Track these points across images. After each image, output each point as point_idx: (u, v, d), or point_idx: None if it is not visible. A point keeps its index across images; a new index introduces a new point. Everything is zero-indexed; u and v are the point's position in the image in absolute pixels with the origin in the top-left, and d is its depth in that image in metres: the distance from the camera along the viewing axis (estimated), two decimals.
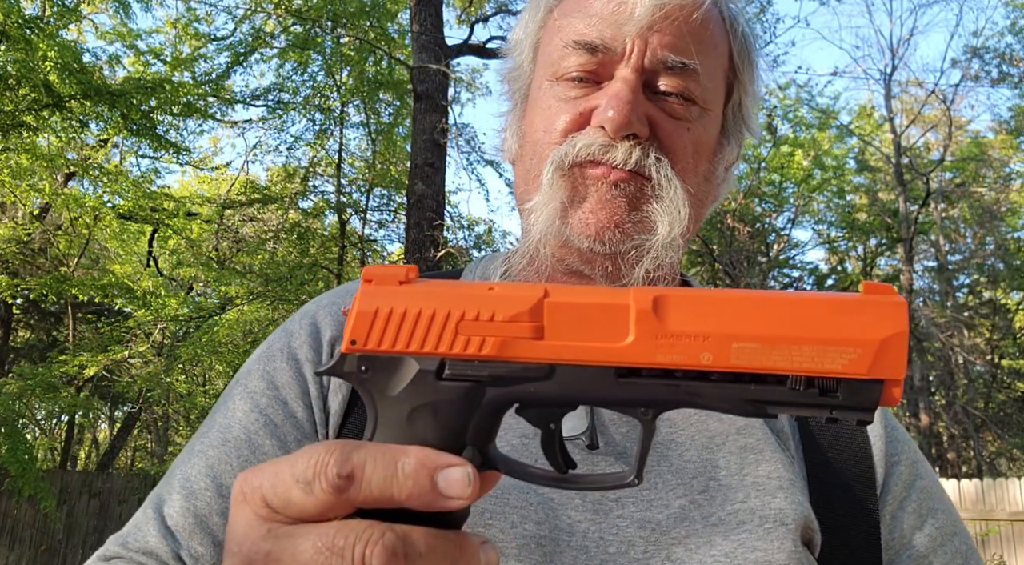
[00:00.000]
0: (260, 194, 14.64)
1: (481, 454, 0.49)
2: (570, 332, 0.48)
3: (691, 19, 0.81)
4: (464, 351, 0.48)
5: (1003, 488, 9.43)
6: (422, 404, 0.48)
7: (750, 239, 20.31)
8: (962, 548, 0.86)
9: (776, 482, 0.78)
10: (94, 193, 12.95)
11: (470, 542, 0.45)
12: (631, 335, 0.47)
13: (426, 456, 0.44)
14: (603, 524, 0.75)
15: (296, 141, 14.18)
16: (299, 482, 0.44)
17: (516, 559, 0.72)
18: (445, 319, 0.49)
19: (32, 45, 8.94)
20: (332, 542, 0.43)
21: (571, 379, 0.48)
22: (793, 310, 0.46)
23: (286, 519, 0.45)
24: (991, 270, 20.18)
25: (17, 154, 10.87)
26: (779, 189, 21.15)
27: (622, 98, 0.78)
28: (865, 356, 0.45)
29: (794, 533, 0.75)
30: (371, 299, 0.50)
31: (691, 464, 0.79)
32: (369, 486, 0.43)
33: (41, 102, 9.60)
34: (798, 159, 20.43)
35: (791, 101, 20.39)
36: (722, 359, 0.45)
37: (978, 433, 18.12)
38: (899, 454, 0.88)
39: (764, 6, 13.34)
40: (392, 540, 0.42)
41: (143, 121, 10.83)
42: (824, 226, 22.50)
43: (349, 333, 0.50)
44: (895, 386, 0.45)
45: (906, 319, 0.45)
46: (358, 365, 0.50)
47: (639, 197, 0.79)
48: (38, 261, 14.74)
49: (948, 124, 18.78)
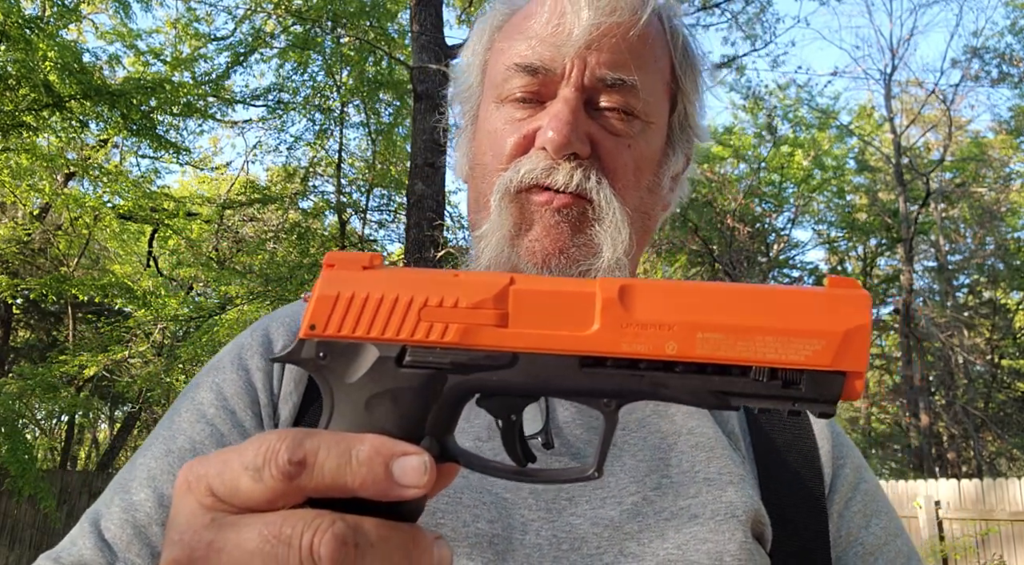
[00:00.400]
0: (260, 194, 14.64)
1: (439, 445, 0.48)
2: (535, 320, 0.47)
3: (628, 36, 0.83)
4: (426, 338, 0.47)
5: (1003, 488, 9.43)
6: (381, 392, 0.47)
7: (750, 239, 20.31)
8: (904, 548, 0.89)
9: (727, 477, 0.80)
10: (94, 193, 12.95)
11: (424, 535, 0.44)
12: (596, 324, 0.46)
13: (382, 444, 0.43)
14: (556, 522, 0.75)
15: (296, 141, 14.20)
16: (248, 469, 0.43)
17: (468, 557, 0.72)
18: (408, 305, 0.48)
19: (32, 45, 8.95)
20: (279, 530, 0.41)
21: (535, 368, 0.47)
22: (758, 302, 0.46)
23: (232, 508, 0.43)
24: (991, 270, 20.18)
25: (17, 154, 10.87)
26: (779, 189, 21.14)
27: (561, 119, 0.80)
28: (828, 348, 0.45)
29: (745, 525, 0.76)
30: (332, 284, 0.49)
31: (644, 463, 0.80)
32: (321, 473, 0.42)
33: (41, 102, 9.60)
34: (798, 159, 20.42)
35: (791, 101, 20.40)
36: (687, 349, 0.45)
37: (978, 433, 18.12)
38: (845, 457, 0.91)
39: (764, 6, 13.33)
40: (343, 529, 0.41)
41: (143, 121, 10.84)
42: (824, 226, 22.52)
43: (308, 318, 0.49)
44: (857, 379, 0.45)
45: (869, 312, 0.45)
46: (316, 351, 0.49)
47: (582, 221, 0.81)
48: (38, 261, 14.74)
49: (948, 124, 18.77)
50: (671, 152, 0.92)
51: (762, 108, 19.49)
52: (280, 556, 0.41)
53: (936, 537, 9.56)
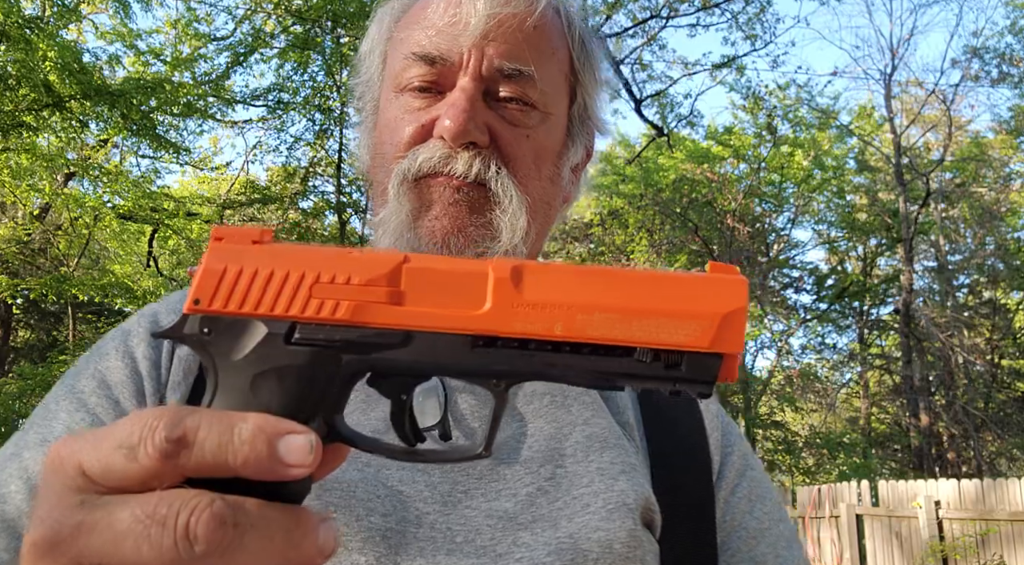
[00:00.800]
0: (260, 194, 14.64)
1: (328, 424, 0.47)
2: (428, 298, 0.47)
3: (525, 26, 0.83)
4: (317, 315, 0.46)
5: (1003, 488, 9.42)
6: (268, 369, 0.46)
7: (750, 239, 20.30)
8: (786, 533, 0.92)
9: (619, 467, 0.81)
10: (94, 193, 12.95)
11: (308, 516, 0.43)
12: (488, 303, 0.47)
13: (266, 422, 0.41)
14: (451, 515, 0.75)
15: (296, 141, 14.19)
16: (122, 447, 0.40)
17: (359, 552, 0.71)
18: (299, 281, 0.47)
19: (32, 45, 8.95)
20: (154, 511, 0.39)
21: (426, 347, 0.47)
22: (643, 285, 0.47)
23: (104, 489, 0.41)
24: (991, 270, 20.18)
25: (17, 154, 10.87)
26: (779, 189, 21.14)
27: (459, 107, 0.80)
28: (707, 330, 0.46)
29: (635, 513, 0.78)
30: (220, 257, 0.47)
31: (539, 454, 0.81)
32: (201, 452, 0.40)
33: (41, 102, 9.60)
34: (798, 159, 20.42)
35: (791, 101, 20.40)
36: (574, 330, 0.46)
37: (978, 433, 18.12)
38: (732, 446, 0.94)
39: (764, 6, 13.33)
40: (222, 508, 0.40)
41: (143, 121, 10.84)
42: (824, 226, 22.51)
43: (193, 292, 0.47)
44: (733, 361, 0.47)
45: (746, 296, 0.47)
46: (200, 327, 0.47)
47: (482, 203, 0.81)
48: (38, 261, 14.74)
49: (948, 124, 18.78)
50: (571, 144, 0.92)
51: (762, 108, 19.49)
52: (154, 537, 0.39)
53: (936, 537, 9.57)
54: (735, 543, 0.88)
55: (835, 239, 22.40)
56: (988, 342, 19.93)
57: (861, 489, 11.08)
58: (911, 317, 18.16)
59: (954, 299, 20.51)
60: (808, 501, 11.41)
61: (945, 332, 17.91)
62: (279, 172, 15.38)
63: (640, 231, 20.24)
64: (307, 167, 14.51)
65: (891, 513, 10.30)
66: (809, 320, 22.14)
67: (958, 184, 20.22)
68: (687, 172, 19.90)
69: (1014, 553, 8.92)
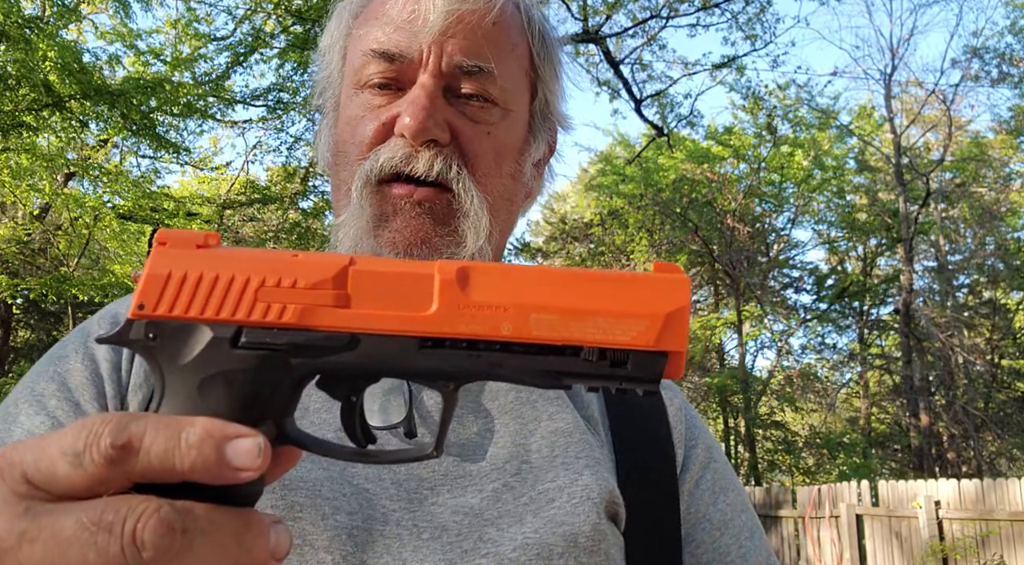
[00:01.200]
0: (260, 194, 14.64)
1: (278, 427, 0.47)
2: (374, 301, 0.47)
3: (484, 23, 0.83)
4: (263, 318, 0.46)
5: (1003, 488, 9.42)
6: (215, 373, 0.46)
7: (750, 239, 20.31)
8: (749, 523, 0.93)
9: (584, 461, 0.82)
10: (94, 193, 12.95)
11: (258, 519, 0.43)
12: (435, 305, 0.47)
13: (213, 425, 0.41)
14: (417, 512, 0.75)
15: (296, 141, 14.19)
16: (67, 454, 0.40)
17: (326, 551, 0.71)
18: (244, 285, 0.47)
19: (32, 45, 8.94)
20: (100, 517, 0.39)
21: (374, 349, 0.47)
22: (589, 285, 0.48)
23: (49, 497, 0.41)
24: (991, 270, 20.18)
25: (17, 154, 10.87)
26: (779, 189, 21.14)
27: (419, 104, 0.80)
28: (652, 329, 0.47)
29: (599, 507, 0.79)
30: (164, 262, 0.47)
31: (505, 451, 0.82)
32: (148, 457, 0.40)
33: (41, 102, 9.60)
34: (798, 159, 20.42)
35: (791, 101, 20.39)
36: (521, 330, 0.46)
37: (978, 433, 18.12)
38: (696, 439, 0.94)
39: (764, 6, 13.33)
40: (169, 514, 0.39)
41: (143, 121, 10.84)
42: (824, 226, 22.51)
43: (137, 297, 0.47)
44: (678, 358, 0.47)
45: (688, 295, 0.48)
46: (145, 332, 0.47)
47: (446, 213, 0.82)
48: (38, 261, 14.74)
49: (948, 124, 18.78)
50: (532, 139, 0.92)
51: (762, 108, 19.49)
52: (100, 544, 0.39)
53: (936, 537, 9.57)
54: (699, 535, 0.89)
55: (835, 239, 22.40)
56: (988, 342, 19.93)
57: (861, 489, 11.08)
58: (911, 317, 18.16)
59: (954, 299, 20.51)
60: (808, 501, 11.41)
61: (945, 332, 17.91)
62: (279, 172, 15.39)
63: (640, 231, 20.24)
64: (307, 167, 14.51)
65: (891, 513, 10.30)
66: (809, 320, 22.14)
67: (958, 184, 20.22)
68: (687, 172, 19.90)
69: (1014, 553, 8.93)
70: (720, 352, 22.61)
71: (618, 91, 13.60)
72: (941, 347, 18.29)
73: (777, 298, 21.77)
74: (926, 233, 20.44)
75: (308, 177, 14.45)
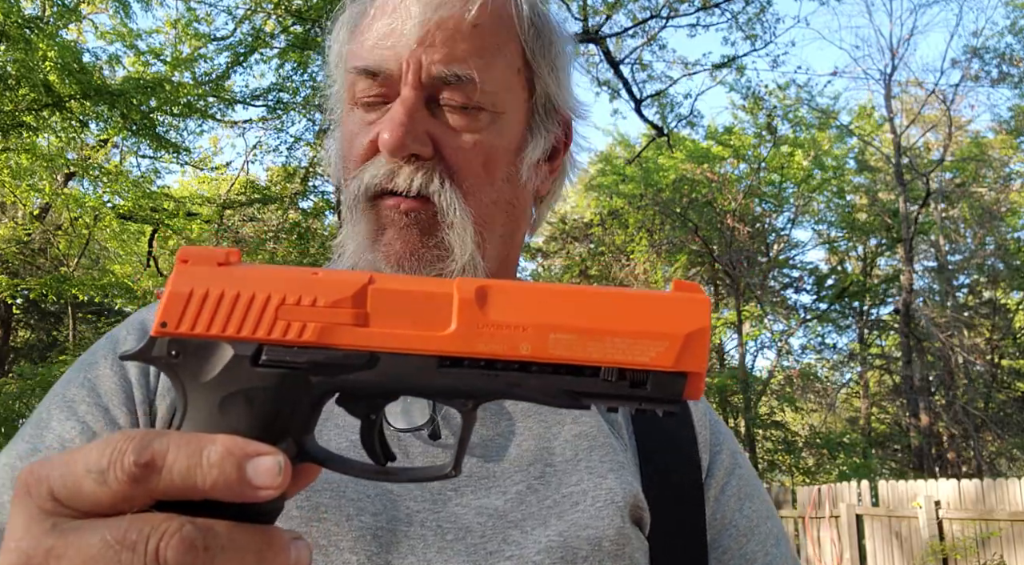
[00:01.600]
0: (260, 194, 14.64)
1: (297, 445, 0.47)
2: (393, 320, 0.47)
3: (463, 27, 0.81)
4: (283, 337, 0.47)
5: (1003, 488, 9.42)
6: (236, 391, 0.46)
7: (750, 239, 20.30)
8: (775, 530, 0.93)
9: (608, 465, 0.82)
10: (94, 193, 12.95)
11: (279, 536, 0.43)
12: (453, 324, 0.47)
13: (234, 444, 0.42)
14: (441, 513, 0.76)
15: (296, 141, 14.19)
16: (92, 472, 0.41)
17: (351, 551, 0.72)
18: (264, 303, 0.47)
19: (32, 45, 8.94)
20: (124, 535, 0.40)
21: (393, 368, 0.47)
22: (608, 304, 0.47)
23: (76, 513, 0.42)
24: (991, 270, 20.18)
25: (17, 154, 10.87)
26: (779, 189, 21.14)
27: (395, 120, 0.79)
28: (671, 349, 0.46)
29: (623, 511, 0.79)
30: (186, 280, 0.48)
31: (529, 453, 0.82)
32: (170, 475, 0.41)
33: (41, 102, 9.60)
34: (798, 159, 20.42)
35: (791, 101, 20.39)
36: (540, 350, 0.46)
37: (978, 433, 18.12)
38: (721, 444, 0.94)
39: (764, 6, 13.32)
40: (191, 532, 0.40)
41: (143, 121, 10.84)
42: (824, 226, 22.51)
43: (160, 315, 0.47)
44: (698, 379, 0.47)
45: (708, 316, 0.47)
46: (168, 349, 0.47)
47: (432, 224, 0.81)
48: (38, 261, 14.74)
49: (948, 124, 18.78)
50: (531, 137, 0.89)
51: (762, 108, 19.48)
52: (124, 562, 0.39)
53: (936, 537, 9.57)
54: (725, 541, 0.88)
55: (835, 239, 22.40)
56: (988, 342, 19.93)
57: (861, 489, 11.08)
58: (911, 317, 18.17)
59: (954, 299, 20.51)
60: (808, 501, 11.41)
61: (945, 332, 17.91)
62: (279, 172, 15.38)
63: (640, 231, 20.24)
64: (307, 167, 14.51)
65: (891, 513, 10.30)
66: (809, 320, 22.14)
67: (958, 184, 20.22)
68: (687, 172, 19.90)
69: (1014, 553, 8.93)
70: (720, 352, 22.61)
71: (618, 91, 13.60)
72: (941, 347, 18.29)
73: (777, 298, 21.77)
74: (926, 233, 20.44)
75: (308, 177, 14.45)
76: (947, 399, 18.84)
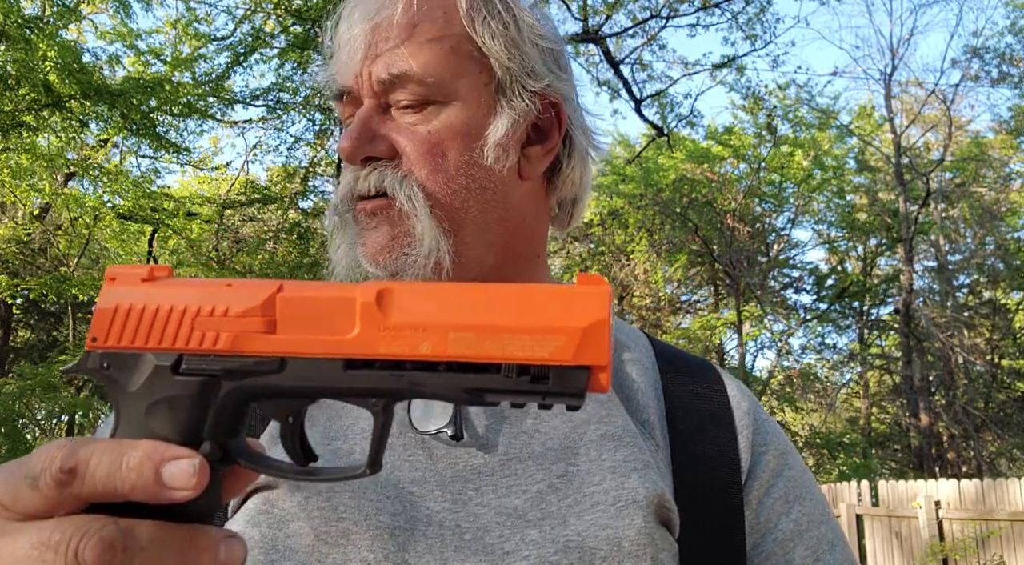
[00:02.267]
0: (260, 194, 14.64)
1: (221, 448, 0.49)
2: (301, 326, 0.49)
3: (395, 27, 0.85)
4: (200, 346, 0.49)
5: (1003, 488, 9.42)
6: (159, 399, 0.49)
7: (750, 239, 20.31)
8: (828, 535, 0.89)
9: (632, 465, 0.81)
10: (94, 193, 12.96)
11: (204, 535, 0.45)
12: (357, 328, 0.48)
13: (152, 448, 0.45)
14: (461, 513, 0.77)
15: (296, 141, 14.19)
16: (27, 477, 0.44)
17: (368, 549, 0.73)
18: (182, 315, 0.50)
19: (32, 45, 8.95)
20: (48, 537, 0.43)
21: (302, 372, 0.49)
22: (508, 301, 0.48)
23: (16, 516, 0.45)
24: (991, 270, 20.19)
25: (17, 154, 10.87)
26: (779, 189, 21.14)
27: (350, 131, 0.85)
28: (570, 344, 0.46)
29: (646, 510, 0.78)
30: (111, 297, 0.51)
31: (552, 451, 0.82)
32: (92, 480, 0.44)
33: (41, 102, 9.60)
34: (798, 159, 20.42)
35: (791, 101, 20.39)
36: (440, 349, 0.47)
37: (978, 433, 18.12)
38: (767, 444, 0.92)
39: (764, 6, 13.32)
40: (112, 533, 0.43)
41: (143, 121, 10.84)
42: (824, 226, 22.51)
43: (91, 330, 0.51)
44: (601, 372, 0.47)
45: (607, 307, 0.47)
46: (100, 362, 0.51)
47: (398, 216, 0.85)
48: (38, 261, 14.74)
49: (948, 124, 18.79)
50: (493, 117, 0.88)
51: (762, 108, 19.48)
52: (47, 562, 0.42)
53: (936, 537, 9.56)
54: (769, 545, 0.86)
55: (835, 239, 22.40)
56: (988, 342, 19.93)
57: (861, 489, 11.08)
58: (911, 317, 18.17)
59: (954, 299, 20.52)
60: None
61: (945, 332, 17.92)
62: (279, 172, 15.39)
63: (640, 231, 20.25)
64: (307, 167, 14.51)
65: (891, 513, 10.31)
66: (809, 320, 22.15)
67: (958, 184, 20.23)
68: (687, 172, 19.90)
69: (1014, 553, 8.93)
70: (720, 352, 22.61)
71: (618, 91, 13.59)
72: (941, 347, 18.29)
73: (777, 298, 21.78)
74: (926, 233, 20.44)
75: (308, 177, 14.45)
76: (947, 399, 18.84)
